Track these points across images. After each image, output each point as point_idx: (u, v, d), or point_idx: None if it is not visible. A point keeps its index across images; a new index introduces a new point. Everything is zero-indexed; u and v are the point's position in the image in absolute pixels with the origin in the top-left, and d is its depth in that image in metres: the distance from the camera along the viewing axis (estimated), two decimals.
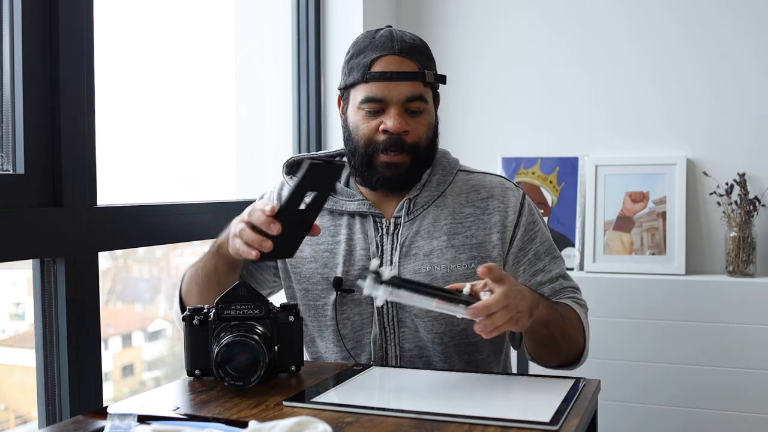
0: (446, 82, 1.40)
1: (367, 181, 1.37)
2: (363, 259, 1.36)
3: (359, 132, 1.35)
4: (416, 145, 1.34)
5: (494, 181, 1.44)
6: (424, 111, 1.35)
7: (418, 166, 1.37)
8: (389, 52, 1.32)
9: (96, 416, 1.00)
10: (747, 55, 2.16)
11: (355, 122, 1.36)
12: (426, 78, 1.33)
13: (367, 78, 1.32)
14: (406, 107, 1.33)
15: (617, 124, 2.29)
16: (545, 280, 1.39)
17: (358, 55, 1.35)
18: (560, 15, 2.34)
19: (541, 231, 1.43)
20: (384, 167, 1.34)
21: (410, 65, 1.33)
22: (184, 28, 1.94)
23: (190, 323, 1.16)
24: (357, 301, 1.36)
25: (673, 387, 2.07)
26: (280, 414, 0.99)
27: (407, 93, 1.32)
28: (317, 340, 1.42)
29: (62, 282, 1.31)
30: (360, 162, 1.36)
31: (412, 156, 1.34)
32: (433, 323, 1.35)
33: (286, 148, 2.31)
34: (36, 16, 1.29)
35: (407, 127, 1.32)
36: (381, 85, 1.31)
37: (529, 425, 0.92)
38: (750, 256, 2.07)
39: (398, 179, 1.36)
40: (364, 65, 1.33)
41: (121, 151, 1.71)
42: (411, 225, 1.37)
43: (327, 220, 1.41)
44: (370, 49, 1.34)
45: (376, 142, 1.33)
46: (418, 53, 1.35)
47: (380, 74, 1.31)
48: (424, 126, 1.36)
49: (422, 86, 1.34)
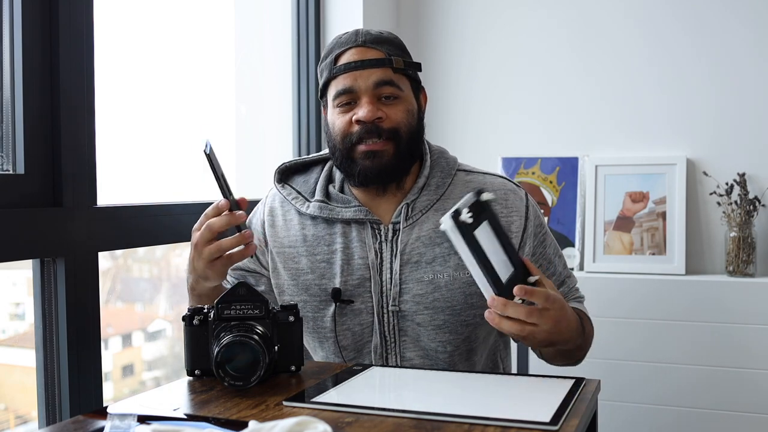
0: (421, 69, 1.38)
1: (353, 177, 1.34)
2: (361, 268, 1.33)
3: (336, 128, 1.33)
4: (395, 131, 1.31)
5: (496, 183, 1.40)
6: (399, 97, 1.32)
7: (401, 154, 1.32)
8: (352, 45, 1.32)
9: (96, 416, 1.00)
10: (747, 55, 2.16)
11: (332, 121, 1.35)
12: (394, 64, 1.31)
13: (334, 73, 1.32)
14: (378, 94, 1.31)
15: (617, 124, 2.29)
16: (557, 284, 1.40)
17: (326, 57, 1.35)
18: (560, 15, 2.35)
19: (548, 233, 1.42)
20: (363, 158, 1.31)
21: (375, 53, 1.32)
22: (184, 28, 1.94)
23: (190, 323, 1.16)
24: (357, 311, 1.33)
25: (673, 387, 2.07)
26: (280, 414, 0.99)
27: (374, 79, 1.30)
28: (317, 350, 1.40)
29: (62, 282, 1.31)
30: (341, 158, 1.34)
31: (393, 142, 1.31)
32: (436, 331, 1.32)
33: (286, 148, 2.31)
34: (36, 16, 1.29)
35: (380, 114, 1.30)
36: (348, 77, 1.31)
37: (529, 425, 0.92)
38: (750, 256, 2.07)
39: (381, 170, 1.31)
40: (330, 63, 1.33)
41: (121, 151, 1.71)
42: (410, 231, 1.34)
43: (321, 228, 1.37)
44: (335, 48, 1.34)
45: (351, 134, 1.31)
46: (384, 43, 1.33)
47: (345, 65, 1.31)
48: (402, 112, 1.32)
49: (391, 72, 1.31)
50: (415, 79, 1.37)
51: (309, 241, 1.37)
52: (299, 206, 1.38)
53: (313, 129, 2.33)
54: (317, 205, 1.37)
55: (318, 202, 1.37)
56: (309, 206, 1.37)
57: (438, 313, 1.31)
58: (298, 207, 1.38)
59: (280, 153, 2.31)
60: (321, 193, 1.39)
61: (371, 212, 1.35)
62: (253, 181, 2.22)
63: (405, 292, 1.32)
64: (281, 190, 1.42)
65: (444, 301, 1.31)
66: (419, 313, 1.32)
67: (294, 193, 1.40)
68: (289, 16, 2.32)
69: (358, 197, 1.38)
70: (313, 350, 1.42)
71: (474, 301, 1.33)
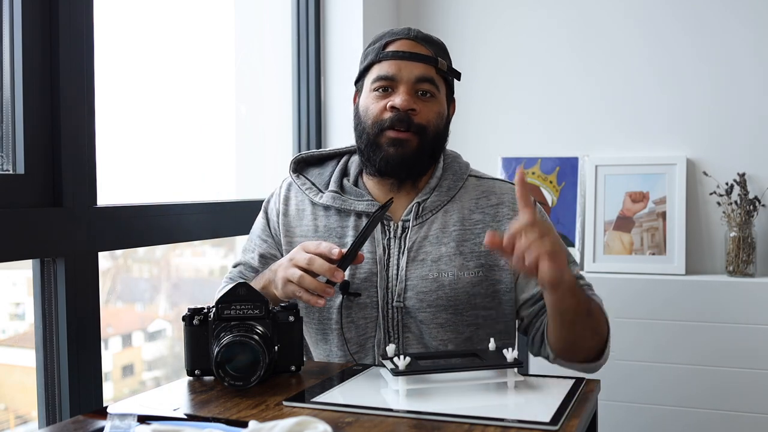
0: (461, 78, 1.42)
1: (373, 163, 1.36)
2: (369, 263, 1.35)
3: (368, 112, 1.36)
4: (423, 127, 1.34)
5: (504, 187, 1.43)
6: (435, 97, 1.36)
7: (424, 151, 1.35)
8: (404, 37, 1.37)
9: (96, 416, 1.00)
10: (747, 55, 2.16)
11: (365, 104, 1.37)
12: (438, 65, 1.35)
13: (381, 57, 1.35)
14: (416, 88, 1.34)
15: (617, 124, 2.29)
16: None
17: (375, 43, 1.39)
18: (560, 16, 2.35)
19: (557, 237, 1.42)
20: (389, 144, 1.33)
21: (424, 50, 1.36)
22: (184, 28, 1.94)
23: (190, 323, 1.16)
24: (362, 304, 1.35)
25: (673, 387, 2.07)
26: (280, 414, 0.99)
27: (417, 73, 1.33)
28: (320, 343, 1.41)
29: (62, 282, 1.31)
30: (366, 143, 1.36)
31: (419, 137, 1.33)
32: (438, 330, 1.34)
33: (286, 148, 2.31)
34: (36, 16, 1.29)
35: (415, 106, 1.33)
36: (393, 64, 1.34)
37: (529, 425, 0.92)
38: (750, 256, 2.07)
39: (403, 160, 1.33)
40: (378, 48, 1.37)
41: (121, 151, 1.71)
42: (419, 229, 1.36)
43: (334, 220, 1.39)
44: (387, 36, 1.38)
45: (383, 120, 1.34)
46: (433, 43, 1.38)
47: (393, 53, 1.35)
48: (434, 112, 1.35)
49: (434, 72, 1.35)
50: (451, 86, 1.41)
51: (320, 231, 1.39)
52: (312, 196, 1.41)
53: (313, 129, 2.33)
54: (331, 195, 1.40)
55: (332, 192, 1.40)
56: (322, 197, 1.40)
57: (441, 312, 1.33)
58: (312, 197, 1.41)
59: (280, 153, 2.31)
60: (335, 184, 1.42)
61: None
62: (253, 181, 2.22)
63: (409, 289, 1.33)
64: (296, 180, 1.45)
65: (447, 300, 1.33)
66: (422, 311, 1.33)
67: (308, 184, 1.44)
68: (289, 16, 2.32)
69: (372, 192, 1.41)
70: (314, 344, 1.43)
71: (477, 301, 1.34)
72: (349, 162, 1.47)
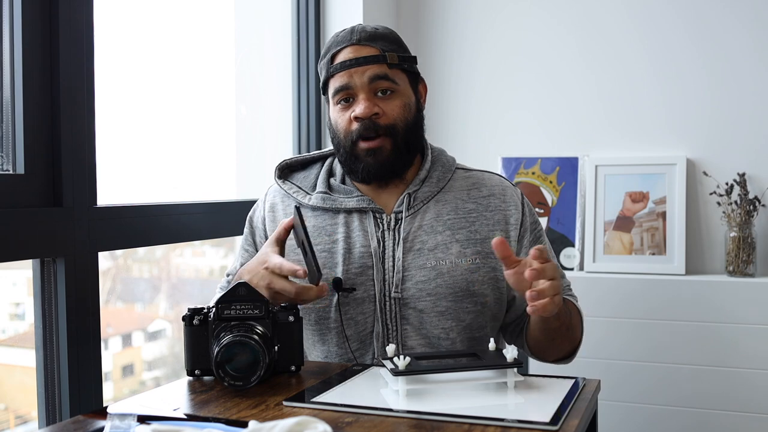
0: (417, 62, 1.42)
1: (356, 173, 1.38)
2: (363, 257, 1.35)
3: (338, 126, 1.37)
4: (392, 127, 1.34)
5: (494, 179, 1.45)
6: (395, 91, 1.36)
7: (400, 149, 1.36)
8: (347, 44, 1.36)
9: (96, 416, 1.00)
10: (747, 55, 2.16)
11: (334, 119, 1.39)
12: (388, 60, 1.35)
13: (331, 72, 1.36)
14: (374, 89, 1.34)
15: (617, 124, 2.29)
16: None
17: (324, 56, 1.39)
18: (560, 15, 2.35)
19: (543, 232, 1.46)
20: (365, 155, 1.35)
21: (369, 50, 1.35)
22: (184, 29, 1.94)
23: (190, 323, 1.16)
24: (359, 300, 1.35)
25: (673, 387, 2.07)
26: (280, 414, 0.99)
27: (370, 75, 1.33)
28: (317, 345, 1.41)
29: (62, 282, 1.31)
30: (345, 156, 1.37)
31: (391, 138, 1.34)
32: (438, 318, 1.34)
33: (286, 148, 2.31)
34: (36, 16, 1.29)
35: (376, 110, 1.33)
36: (344, 74, 1.34)
37: (529, 425, 0.92)
38: (750, 256, 2.07)
39: (382, 166, 1.35)
40: (327, 62, 1.38)
41: (121, 151, 1.71)
42: (412, 220, 1.37)
43: (322, 219, 1.40)
44: (332, 47, 1.38)
45: (352, 131, 1.35)
46: (378, 39, 1.37)
47: (341, 64, 1.35)
48: (398, 107, 1.35)
49: (386, 68, 1.35)
50: (412, 71, 1.40)
51: (310, 231, 1.39)
52: (301, 198, 1.42)
53: (313, 128, 2.33)
54: (320, 196, 1.40)
55: (320, 193, 1.41)
56: (311, 198, 1.41)
57: (440, 300, 1.34)
58: (300, 199, 1.41)
59: (280, 153, 2.31)
60: (323, 185, 1.43)
61: (374, 202, 1.39)
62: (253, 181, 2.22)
63: (407, 279, 1.34)
64: (282, 186, 1.45)
65: (446, 288, 1.34)
66: (422, 300, 1.34)
67: (295, 188, 1.44)
68: (289, 16, 2.32)
69: (360, 189, 1.42)
70: (311, 347, 1.43)
71: (476, 288, 1.36)
72: (333, 164, 1.48)
